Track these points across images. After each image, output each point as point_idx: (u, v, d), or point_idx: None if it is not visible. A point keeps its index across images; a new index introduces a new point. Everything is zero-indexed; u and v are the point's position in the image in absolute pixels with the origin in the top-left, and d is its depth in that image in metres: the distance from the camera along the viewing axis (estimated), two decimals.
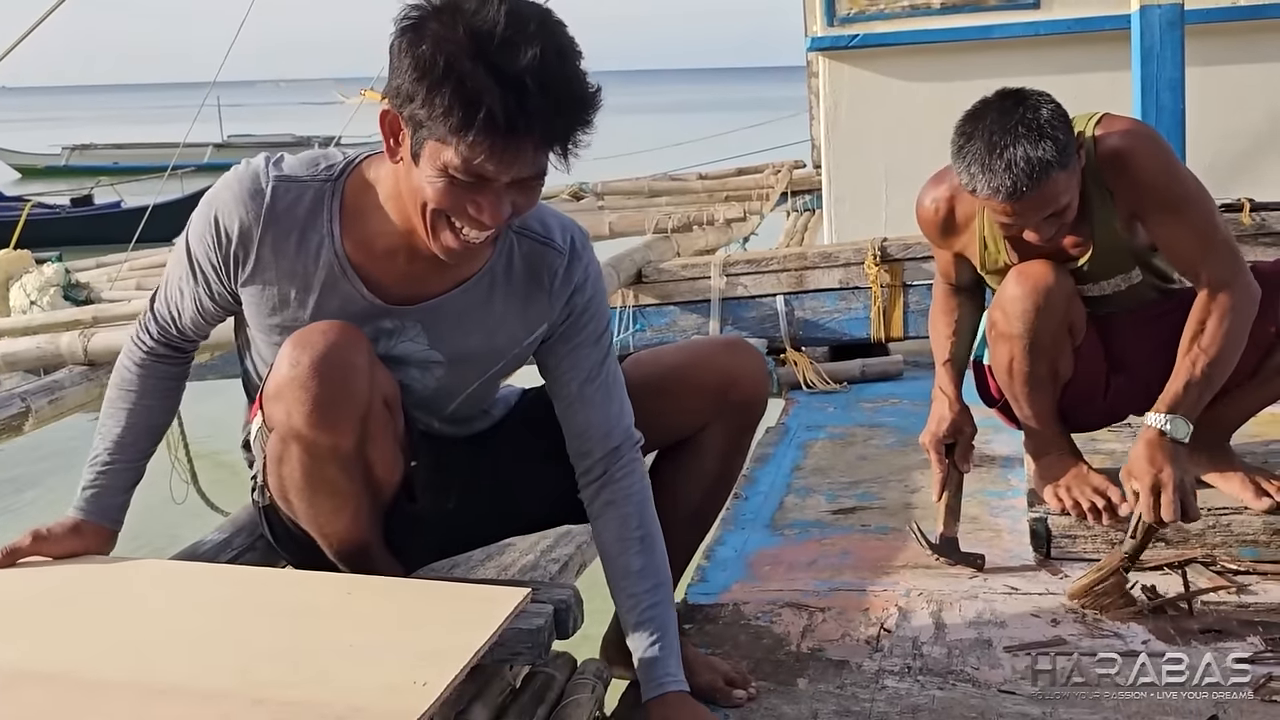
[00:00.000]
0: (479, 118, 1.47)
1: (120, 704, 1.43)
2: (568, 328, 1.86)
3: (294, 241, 1.72)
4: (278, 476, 1.78)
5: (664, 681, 1.83)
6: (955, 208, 2.59)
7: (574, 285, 1.84)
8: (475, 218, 1.58)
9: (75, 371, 4.31)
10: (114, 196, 16.97)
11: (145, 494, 2.05)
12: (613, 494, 1.88)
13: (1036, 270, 2.48)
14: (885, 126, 5.83)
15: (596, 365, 1.87)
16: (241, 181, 1.72)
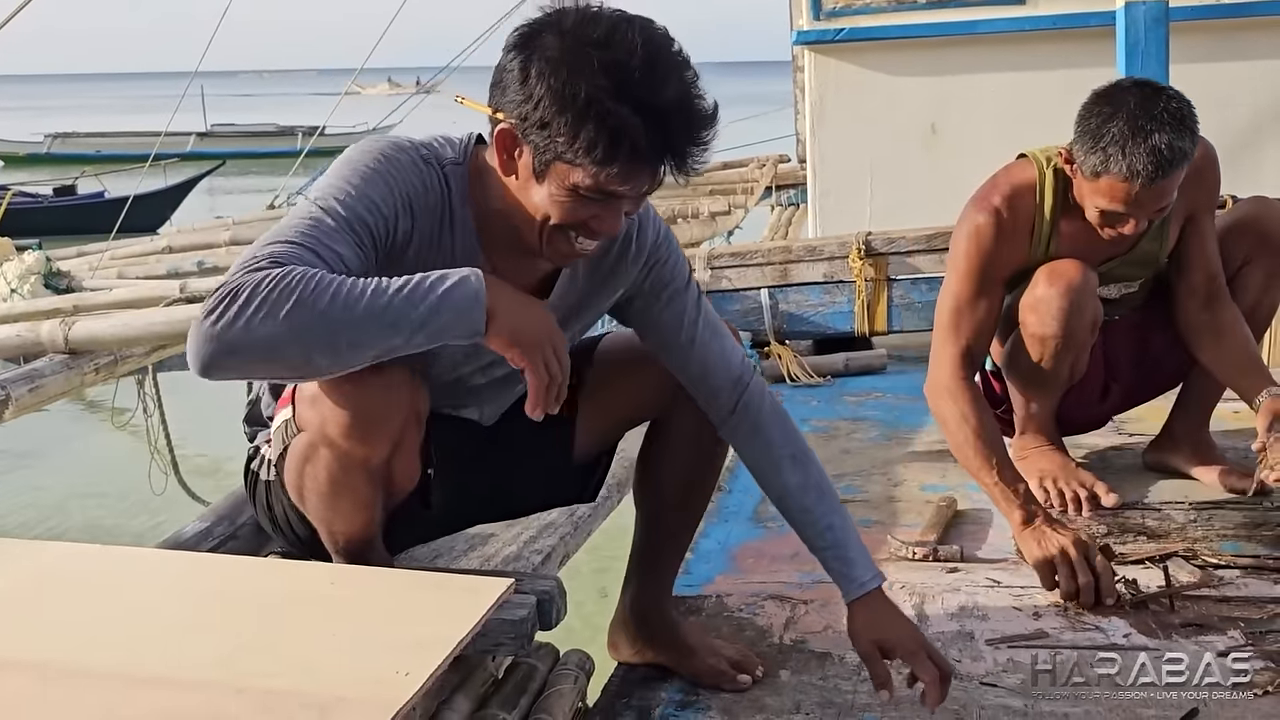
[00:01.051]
0: (623, 151, 1.50)
1: (101, 693, 1.42)
2: (654, 284, 1.89)
3: (447, 219, 1.70)
4: (299, 474, 1.76)
5: (865, 581, 1.90)
6: (1015, 207, 2.55)
7: (649, 245, 1.87)
8: (595, 230, 1.61)
9: (56, 360, 4.29)
10: (97, 186, 16.88)
11: (125, 484, 2.04)
12: (752, 421, 1.93)
13: (1068, 270, 2.49)
14: (870, 121, 5.83)
15: (694, 308, 1.91)
16: (405, 151, 1.67)
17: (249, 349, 1.42)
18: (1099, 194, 2.35)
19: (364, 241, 1.58)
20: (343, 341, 1.46)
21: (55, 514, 5.98)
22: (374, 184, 1.61)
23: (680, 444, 2.02)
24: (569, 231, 1.62)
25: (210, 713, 1.37)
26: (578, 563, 2.63)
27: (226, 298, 1.42)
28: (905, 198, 5.68)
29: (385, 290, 1.47)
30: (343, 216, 1.57)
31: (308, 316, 1.42)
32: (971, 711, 1.95)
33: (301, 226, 1.54)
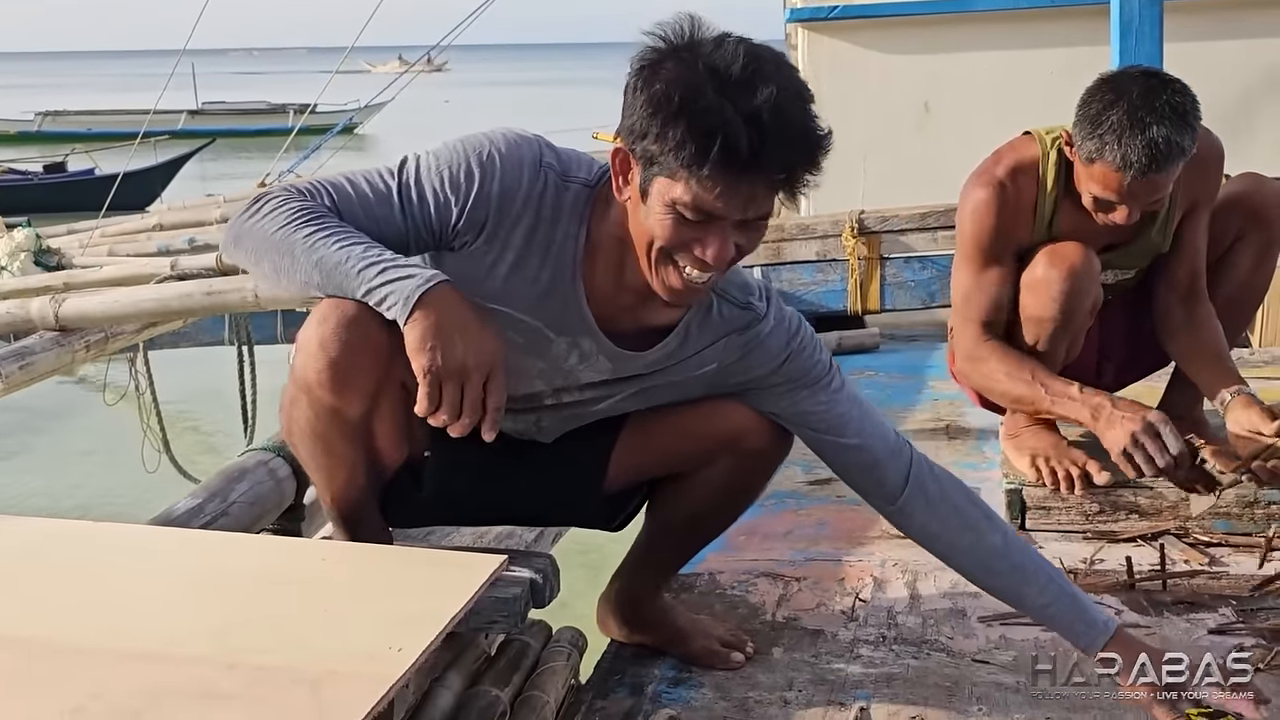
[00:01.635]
0: (714, 151, 1.44)
1: (90, 669, 1.42)
2: (796, 379, 1.85)
3: (544, 233, 1.66)
4: (287, 418, 1.76)
5: (1106, 621, 1.83)
6: (1018, 182, 2.52)
7: (788, 347, 1.83)
8: (700, 257, 1.55)
9: (46, 337, 4.28)
10: (88, 164, 16.81)
11: (117, 461, 2.03)
12: (928, 495, 1.87)
13: (1069, 252, 2.47)
14: (864, 99, 5.82)
15: (843, 396, 1.87)
16: (524, 151, 1.66)
17: (245, 246, 1.64)
18: (1093, 180, 2.34)
19: (416, 219, 1.64)
20: (297, 276, 1.60)
21: (46, 491, 5.98)
22: (458, 173, 1.64)
23: (714, 487, 1.94)
24: (675, 258, 1.57)
25: (201, 688, 1.37)
26: (571, 540, 2.63)
27: (255, 200, 1.65)
28: (898, 176, 5.67)
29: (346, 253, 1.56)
30: (409, 189, 1.64)
31: (281, 240, 1.59)
32: (964, 688, 1.96)
33: (370, 182, 1.66)
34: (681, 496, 1.98)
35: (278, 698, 1.35)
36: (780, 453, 1.94)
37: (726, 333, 1.80)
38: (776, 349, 1.82)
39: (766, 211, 1.55)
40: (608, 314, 1.73)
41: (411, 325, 1.53)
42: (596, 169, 1.70)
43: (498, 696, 1.88)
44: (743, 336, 1.81)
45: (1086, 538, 2.54)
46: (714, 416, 1.88)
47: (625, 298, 1.71)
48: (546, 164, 1.66)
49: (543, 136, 1.72)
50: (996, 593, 1.91)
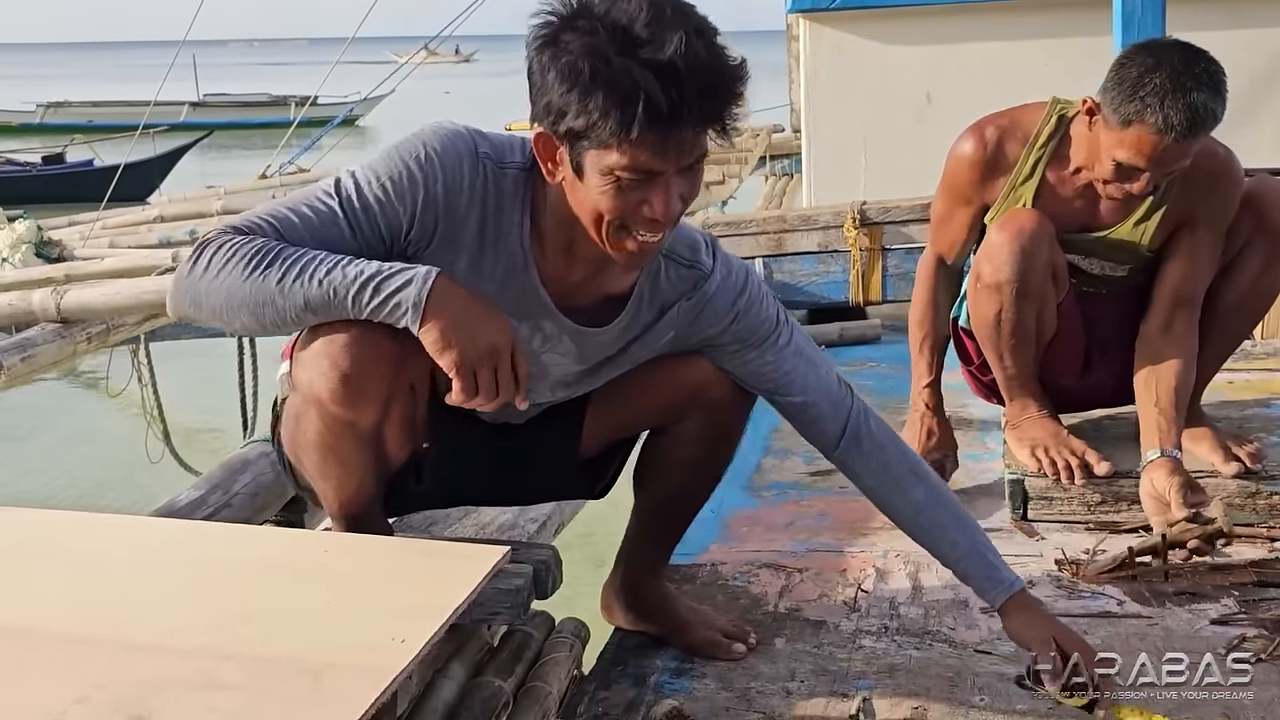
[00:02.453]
0: (639, 114, 1.44)
1: (92, 660, 1.42)
2: (739, 335, 1.85)
3: (492, 225, 1.67)
4: (291, 432, 1.76)
5: (1012, 581, 1.89)
6: (1004, 147, 2.57)
7: (731, 303, 1.83)
8: (650, 218, 1.55)
9: (48, 329, 4.28)
10: (87, 155, 16.80)
11: (118, 454, 2.03)
12: (863, 445, 1.91)
13: (1020, 216, 2.51)
14: (865, 90, 5.81)
15: (790, 353, 1.88)
16: (459, 145, 1.65)
17: (206, 308, 1.59)
18: (1122, 144, 2.32)
19: (365, 235, 1.62)
20: (287, 317, 1.57)
21: (48, 483, 5.98)
22: (399, 182, 1.62)
23: (689, 443, 1.96)
24: (627, 228, 1.57)
25: (204, 679, 1.37)
26: (573, 531, 2.64)
27: (198, 251, 1.57)
28: (900, 167, 5.65)
29: (330, 281, 1.53)
30: (353, 207, 1.61)
31: (254, 291, 1.54)
32: (966, 679, 1.96)
33: (311, 209, 1.61)
34: (663, 462, 1.99)
35: (280, 689, 1.35)
36: (746, 399, 1.95)
37: (676, 299, 1.81)
38: (724, 308, 1.83)
39: (702, 153, 1.55)
40: (563, 292, 1.74)
41: (427, 331, 1.54)
42: (529, 150, 1.68)
43: (501, 687, 1.88)
44: (692, 300, 1.81)
45: (1089, 528, 2.54)
46: (677, 370, 1.90)
47: (578, 272, 1.72)
48: (482, 154, 1.66)
49: (470, 126, 1.71)
50: (918, 542, 1.97)
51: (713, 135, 1.54)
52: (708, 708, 1.90)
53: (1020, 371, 2.64)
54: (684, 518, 2.10)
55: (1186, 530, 2.32)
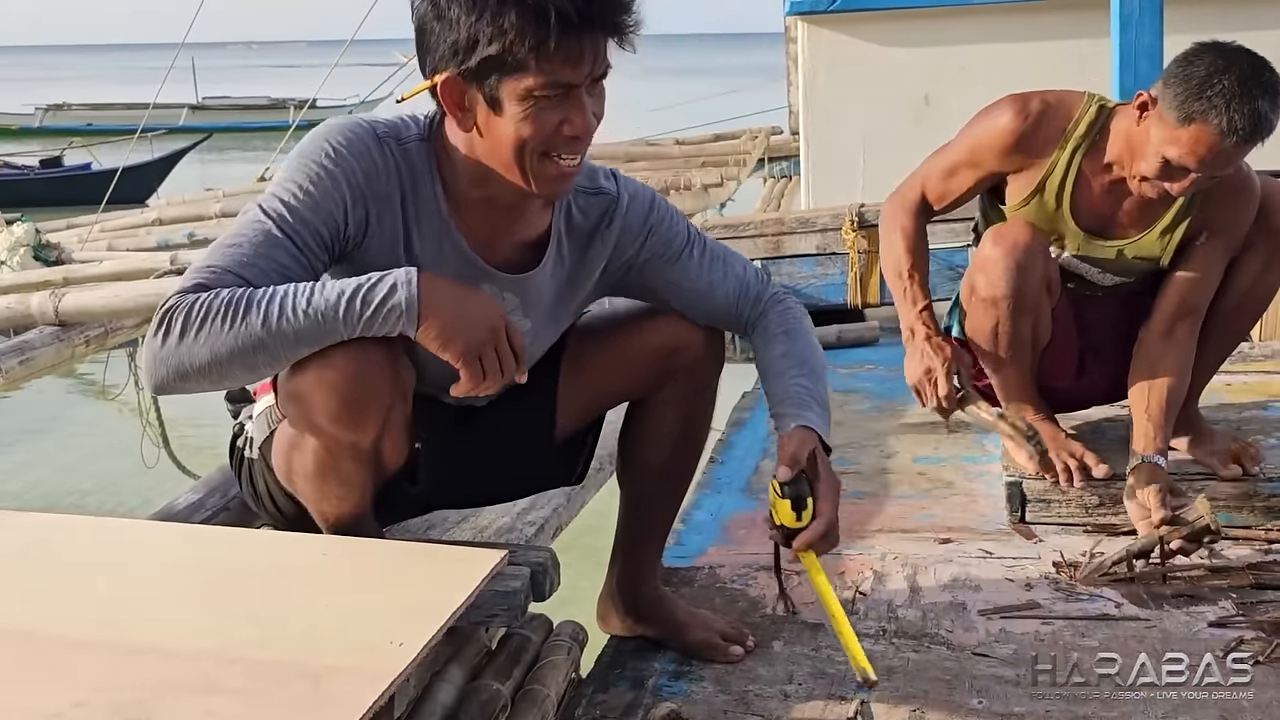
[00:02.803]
0: (552, 21, 1.50)
1: (92, 663, 1.42)
2: (656, 251, 1.91)
3: (412, 200, 1.70)
4: (286, 460, 1.75)
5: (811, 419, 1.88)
6: (1040, 129, 2.52)
7: (644, 219, 1.90)
8: (569, 135, 1.60)
9: (46, 332, 4.28)
10: (85, 158, 16.79)
11: (116, 457, 2.03)
12: (767, 320, 1.97)
13: (1014, 230, 2.51)
14: (864, 92, 5.82)
15: (701, 257, 1.94)
16: (359, 133, 1.67)
17: (194, 373, 1.55)
18: (1178, 142, 2.30)
19: (309, 246, 1.62)
20: (281, 356, 1.57)
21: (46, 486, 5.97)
22: (321, 183, 1.63)
23: (664, 423, 1.99)
24: (549, 154, 1.61)
25: (203, 683, 1.37)
26: (571, 534, 2.64)
27: (165, 322, 1.54)
28: (898, 169, 5.62)
29: (315, 308, 1.53)
30: (289, 223, 1.61)
31: (242, 340, 1.52)
32: (964, 681, 1.96)
33: (249, 240, 1.60)
34: (645, 439, 2.01)
35: (279, 692, 1.35)
36: (718, 358, 2.00)
37: (594, 229, 1.86)
38: (638, 226, 1.89)
39: (607, 67, 1.61)
40: (490, 249, 1.77)
41: (425, 330, 1.56)
42: (422, 122, 1.73)
43: (499, 690, 1.88)
44: (612, 227, 1.87)
45: (1086, 531, 2.55)
46: (648, 336, 1.94)
47: (497, 226, 1.76)
48: (383, 135, 1.69)
49: (360, 116, 1.74)
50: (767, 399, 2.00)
51: (615, 44, 1.59)
52: (705, 711, 1.90)
53: (1017, 378, 2.64)
54: (670, 504, 2.11)
55: (1172, 531, 2.32)
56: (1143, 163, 2.38)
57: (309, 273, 1.62)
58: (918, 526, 2.64)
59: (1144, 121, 2.37)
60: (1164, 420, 2.49)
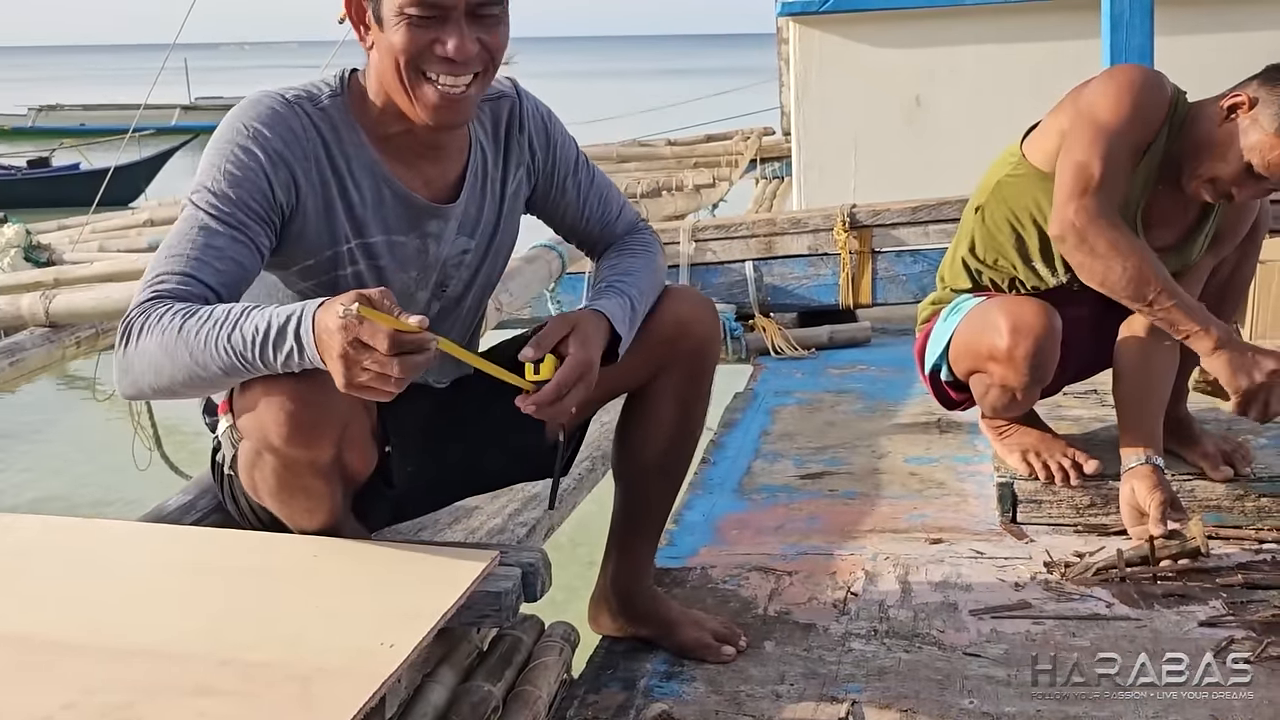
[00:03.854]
0: None
1: (83, 665, 1.42)
2: (556, 166, 1.97)
3: (337, 153, 1.73)
4: (251, 478, 1.74)
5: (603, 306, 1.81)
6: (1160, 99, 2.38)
7: (541, 122, 1.95)
8: (444, 57, 1.63)
9: (37, 333, 4.27)
10: (75, 158, 16.75)
11: (108, 458, 2.02)
12: (620, 241, 2.03)
13: (1032, 321, 2.43)
14: (855, 93, 5.83)
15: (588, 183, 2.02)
16: (268, 103, 1.70)
17: (149, 389, 1.60)
18: (1272, 150, 2.27)
19: (247, 224, 1.64)
20: (218, 385, 1.60)
21: (37, 488, 5.96)
22: (240, 161, 1.66)
23: (661, 419, 1.99)
24: (425, 70, 1.65)
25: (193, 685, 1.37)
26: (562, 535, 2.64)
27: (125, 335, 1.58)
28: (890, 170, 5.68)
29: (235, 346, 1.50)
30: (221, 210, 1.64)
31: (180, 369, 1.54)
32: (955, 681, 1.96)
33: (188, 238, 1.63)
34: (643, 428, 2.01)
35: (270, 694, 1.35)
36: (717, 343, 2.03)
37: (506, 134, 1.91)
38: (542, 125, 1.96)
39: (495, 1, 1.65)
40: (426, 184, 1.81)
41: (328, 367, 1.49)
42: (334, 82, 1.77)
43: (490, 691, 1.88)
44: (522, 130, 1.93)
45: (1078, 531, 2.55)
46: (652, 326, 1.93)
47: (424, 159, 1.80)
48: (293, 100, 1.72)
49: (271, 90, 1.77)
50: None
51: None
52: (697, 711, 1.90)
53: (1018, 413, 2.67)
54: (665, 501, 2.10)
55: (1164, 547, 2.32)
56: (1221, 164, 2.33)
57: (254, 251, 1.65)
58: (909, 527, 2.64)
59: (1229, 122, 2.33)
60: (1158, 417, 2.49)
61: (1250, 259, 2.63)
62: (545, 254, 4.15)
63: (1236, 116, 2.33)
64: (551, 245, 4.18)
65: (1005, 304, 2.49)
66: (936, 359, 2.69)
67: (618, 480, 2.09)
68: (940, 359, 2.68)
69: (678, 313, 1.96)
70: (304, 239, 1.72)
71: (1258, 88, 2.32)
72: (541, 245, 4.17)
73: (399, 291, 1.80)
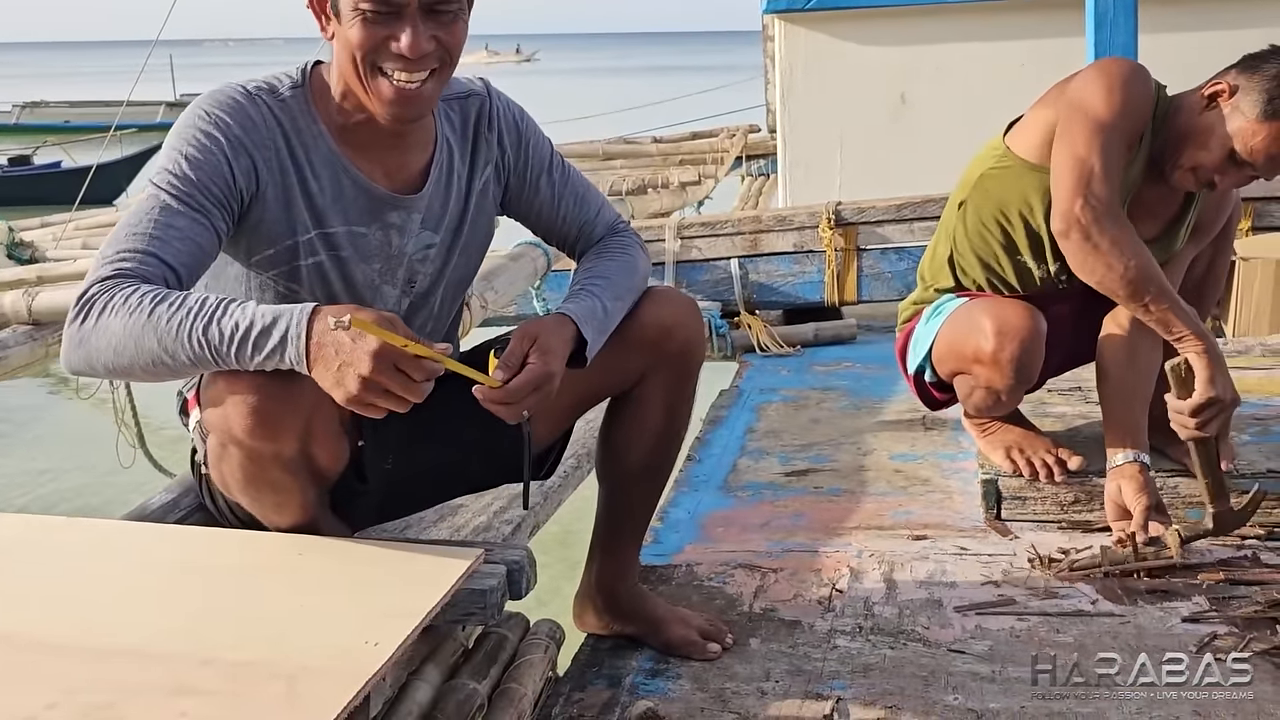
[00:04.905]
0: None
1: (65, 665, 1.41)
2: (529, 164, 1.98)
3: (297, 143, 1.74)
4: (219, 472, 1.73)
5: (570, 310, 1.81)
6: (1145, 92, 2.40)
7: (513, 121, 1.96)
8: (398, 54, 1.64)
9: (19, 331, 4.23)
10: (58, 156, 16.66)
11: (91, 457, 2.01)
12: (599, 242, 2.02)
13: (1017, 323, 2.43)
14: (841, 90, 5.83)
15: (563, 175, 2.01)
16: (229, 94, 1.72)
17: (102, 368, 1.58)
18: (1254, 136, 2.29)
19: (205, 207, 1.66)
20: (181, 373, 1.59)
21: (19, 487, 5.94)
22: (201, 145, 1.67)
23: (646, 422, 1.99)
24: (380, 66, 1.66)
25: (176, 684, 1.36)
26: (548, 533, 2.63)
27: (84, 310, 1.57)
28: (875, 167, 5.69)
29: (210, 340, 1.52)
30: (181, 190, 1.65)
31: (144, 353, 1.54)
32: (940, 678, 1.96)
33: (150, 217, 1.63)
34: (628, 429, 2.00)
35: (253, 693, 1.35)
36: (702, 345, 2.02)
37: (475, 132, 1.92)
38: (513, 125, 1.96)
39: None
40: (388, 175, 1.81)
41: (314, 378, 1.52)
42: (295, 74, 1.78)
43: (475, 689, 1.88)
44: (492, 128, 1.93)
45: (1061, 527, 2.56)
46: (638, 312, 1.93)
47: (386, 149, 1.80)
48: (254, 92, 1.73)
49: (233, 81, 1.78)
50: None
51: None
52: (683, 709, 1.90)
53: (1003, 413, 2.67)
54: (650, 500, 2.10)
55: (1141, 554, 2.33)
56: (1203, 152, 2.34)
57: (212, 234, 1.66)
58: (894, 524, 2.65)
59: (1210, 111, 2.35)
60: (1144, 415, 2.49)
61: (1225, 252, 2.65)
62: (530, 251, 4.14)
63: (1217, 104, 2.34)
64: (536, 243, 4.16)
65: (990, 306, 2.49)
66: (920, 361, 2.69)
67: (602, 481, 2.08)
68: (924, 361, 2.68)
69: (661, 316, 1.95)
70: (264, 228, 1.73)
71: (1237, 75, 2.34)
72: (527, 243, 4.16)
73: (363, 284, 1.82)
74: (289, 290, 1.77)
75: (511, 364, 1.69)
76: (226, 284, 1.79)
